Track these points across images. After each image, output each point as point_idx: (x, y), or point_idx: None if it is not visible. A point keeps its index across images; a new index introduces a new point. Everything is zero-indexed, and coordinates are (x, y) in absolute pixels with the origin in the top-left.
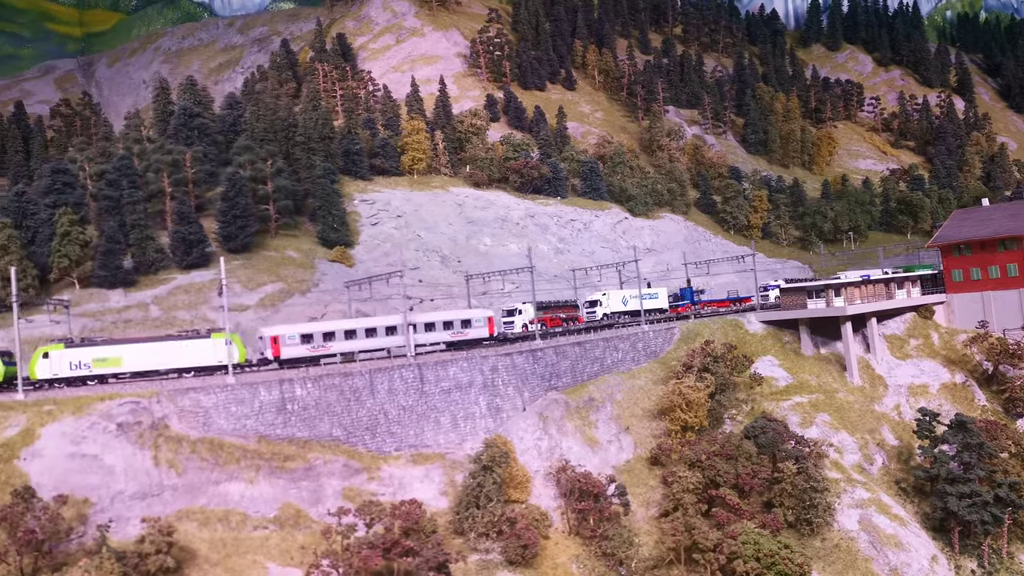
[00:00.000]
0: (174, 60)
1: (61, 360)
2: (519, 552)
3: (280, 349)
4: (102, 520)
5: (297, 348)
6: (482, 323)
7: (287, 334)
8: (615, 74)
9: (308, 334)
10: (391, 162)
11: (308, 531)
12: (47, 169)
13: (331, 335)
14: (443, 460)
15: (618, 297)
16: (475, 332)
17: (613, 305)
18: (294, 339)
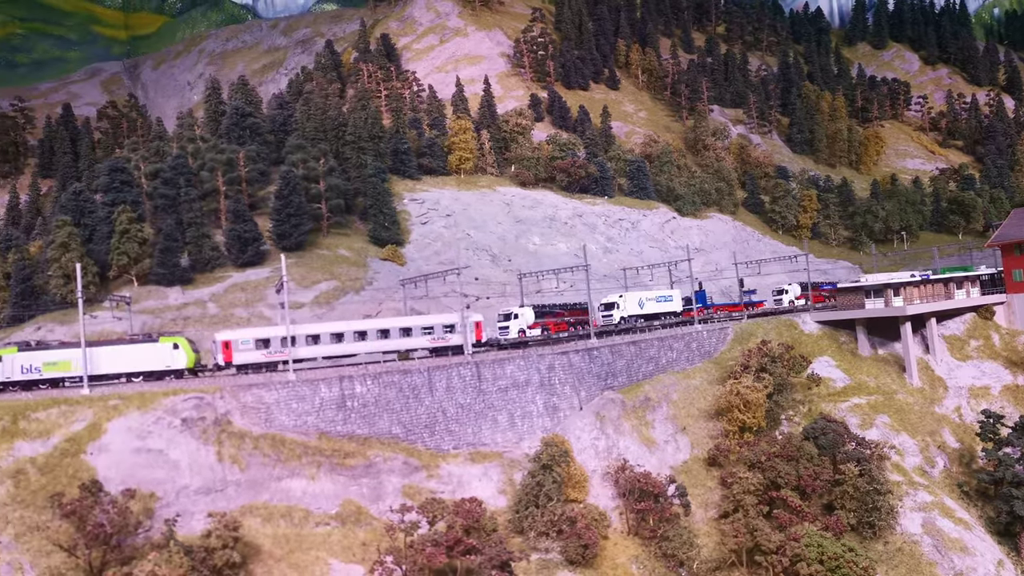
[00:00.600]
0: (219, 62)
1: (13, 364)
2: (579, 552)
3: (232, 354)
4: (168, 515)
5: (251, 353)
6: (468, 328)
7: (240, 339)
8: (659, 73)
9: (264, 339)
10: (438, 161)
11: (369, 528)
12: (105, 168)
13: (292, 340)
14: (501, 459)
15: (634, 299)
16: (459, 338)
17: (630, 308)
18: (247, 344)
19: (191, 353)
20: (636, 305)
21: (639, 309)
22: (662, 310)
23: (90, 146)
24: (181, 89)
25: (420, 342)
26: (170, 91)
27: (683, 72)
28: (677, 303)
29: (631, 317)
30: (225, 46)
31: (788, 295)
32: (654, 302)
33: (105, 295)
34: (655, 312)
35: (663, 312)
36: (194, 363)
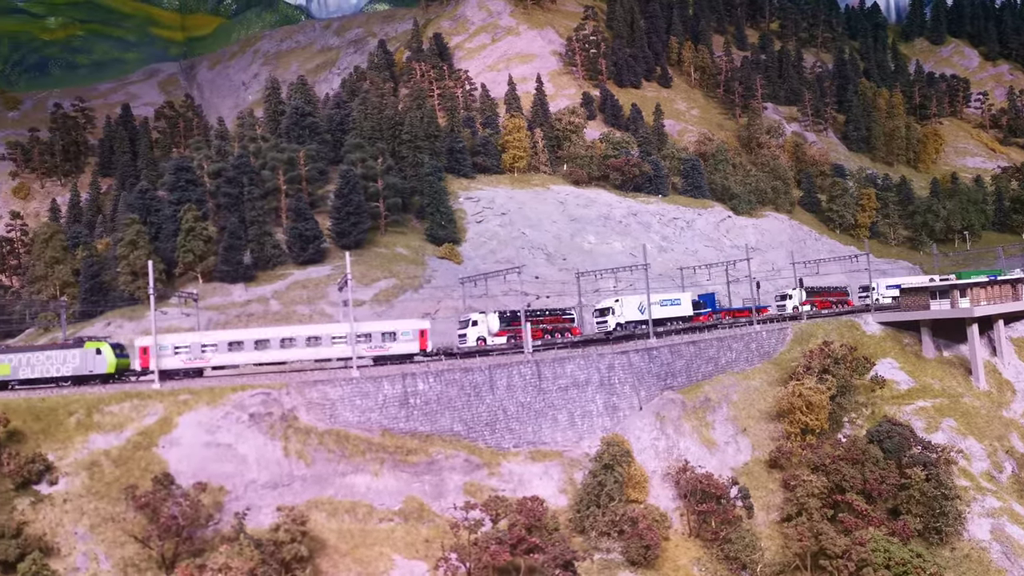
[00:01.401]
0: (273, 62)
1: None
2: (641, 552)
3: (149, 360)
4: (236, 508)
5: (169, 359)
6: (410, 336)
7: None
8: (711, 71)
9: (184, 344)
10: (492, 160)
11: (431, 525)
12: (171, 167)
13: (212, 346)
14: (561, 458)
15: (633, 304)
16: (400, 346)
17: (628, 313)
18: (166, 349)
19: (113, 358)
20: (635, 310)
21: (639, 315)
22: (669, 315)
23: (148, 146)
24: (236, 89)
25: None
26: (225, 91)
27: (736, 69)
28: (686, 307)
29: (630, 323)
30: (279, 46)
31: (792, 300)
32: (657, 306)
33: (171, 292)
34: (661, 317)
35: (670, 317)
36: (115, 368)
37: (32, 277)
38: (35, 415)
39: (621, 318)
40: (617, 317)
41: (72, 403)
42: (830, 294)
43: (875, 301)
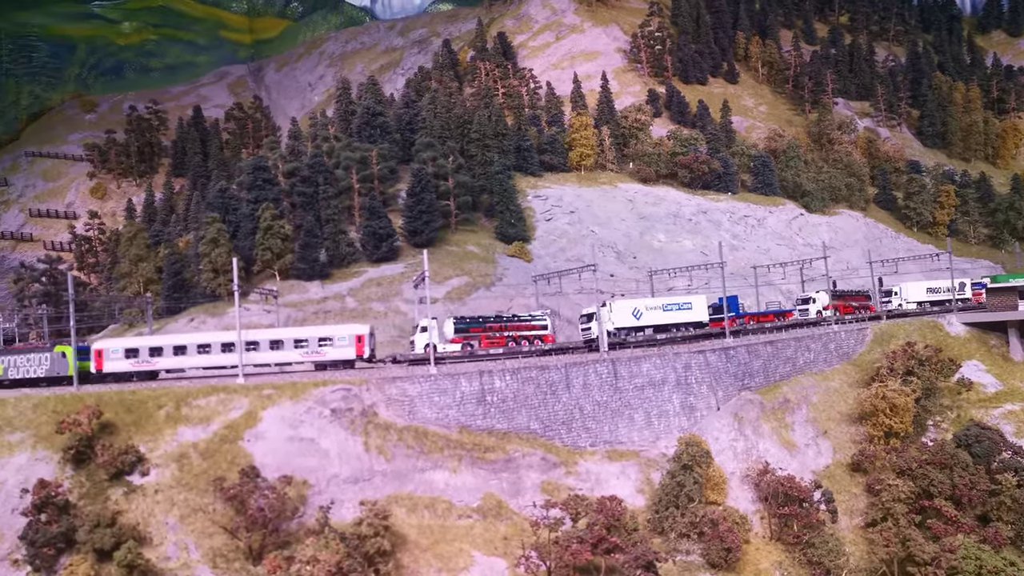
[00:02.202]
0: (339, 63)
1: None
2: (722, 555)
3: (103, 363)
4: (319, 502)
5: (121, 362)
6: (347, 342)
7: (111, 348)
8: (779, 66)
9: (134, 348)
10: (559, 158)
11: (509, 522)
12: (248, 166)
13: (159, 350)
14: (638, 457)
15: (626, 309)
16: (337, 352)
17: (619, 319)
18: (118, 353)
19: (75, 362)
20: (629, 316)
21: (634, 320)
22: (675, 320)
23: (219, 146)
24: (303, 90)
25: (292, 356)
26: (292, 92)
27: (806, 64)
28: (699, 312)
29: (621, 330)
30: (344, 48)
31: (816, 304)
32: (659, 311)
33: (250, 288)
34: (665, 324)
35: (678, 323)
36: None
37: (117, 274)
38: (126, 407)
39: (609, 324)
40: (604, 323)
41: (161, 396)
42: (853, 298)
43: (897, 307)
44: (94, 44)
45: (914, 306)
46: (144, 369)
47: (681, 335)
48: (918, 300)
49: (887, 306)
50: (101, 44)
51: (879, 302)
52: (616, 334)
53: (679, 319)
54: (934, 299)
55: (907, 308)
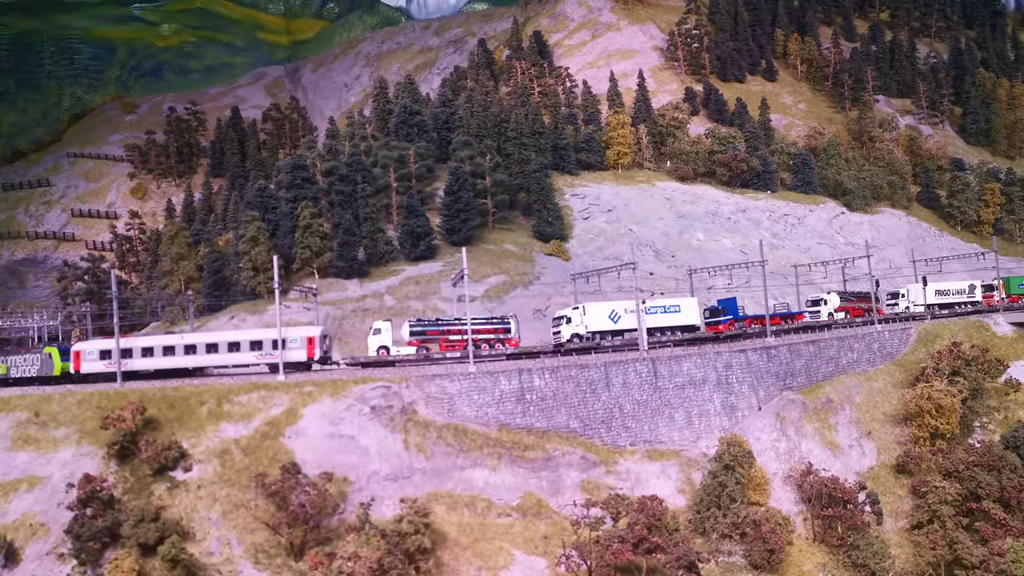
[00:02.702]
0: (374, 63)
1: None
2: (764, 556)
3: (80, 364)
4: (359, 499)
5: (96, 363)
6: (298, 344)
7: (87, 350)
8: (819, 63)
9: (107, 350)
10: (596, 156)
11: (549, 521)
12: (287, 165)
13: (128, 352)
14: (678, 457)
15: (602, 312)
16: (290, 354)
17: (593, 322)
18: (93, 355)
19: (59, 362)
20: (605, 319)
21: (610, 324)
22: (662, 324)
23: (256, 147)
24: (339, 90)
25: (248, 358)
26: (328, 93)
27: (845, 61)
28: (690, 315)
29: (595, 334)
30: (380, 48)
31: (827, 306)
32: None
33: (289, 286)
34: (650, 327)
35: (665, 327)
36: (60, 371)
37: (159, 272)
38: (169, 404)
39: (581, 328)
40: (575, 327)
41: (203, 393)
42: (864, 300)
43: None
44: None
45: (922, 309)
46: (115, 370)
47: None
48: (928, 303)
49: (893, 309)
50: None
51: (885, 304)
52: (591, 337)
53: (667, 322)
54: (943, 301)
55: (915, 311)
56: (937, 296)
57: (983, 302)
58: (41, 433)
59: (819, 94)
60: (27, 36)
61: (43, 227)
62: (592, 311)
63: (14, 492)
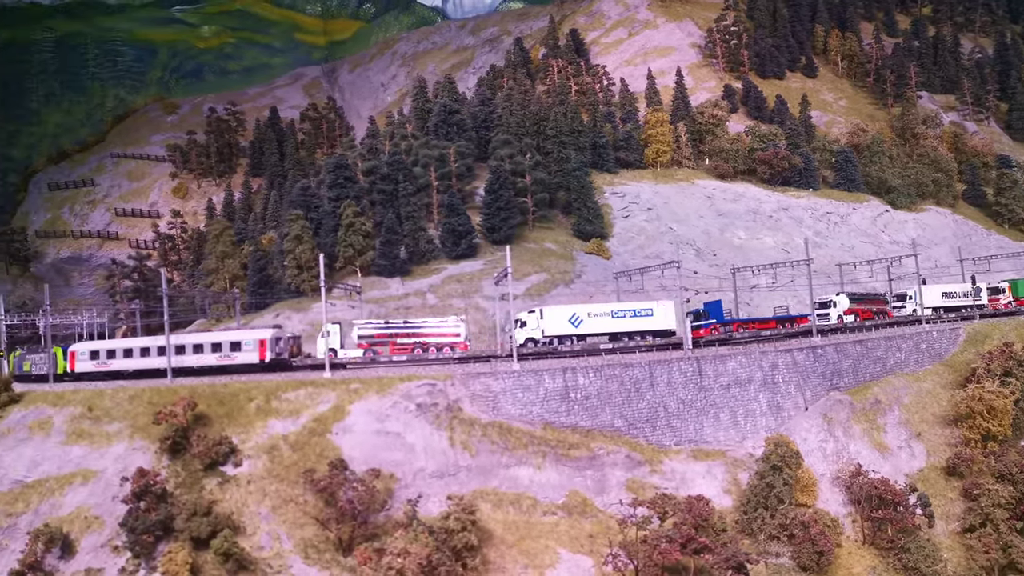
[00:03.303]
0: (410, 63)
1: None
2: (813, 558)
3: (75, 364)
4: (406, 495)
5: (87, 363)
6: (252, 347)
7: (80, 350)
8: (860, 59)
9: (96, 351)
10: (634, 155)
11: (594, 520)
12: (330, 164)
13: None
14: (724, 457)
15: (563, 315)
16: (244, 356)
17: (551, 327)
18: (84, 355)
19: (63, 361)
20: (565, 323)
21: (571, 328)
22: (629, 328)
23: (294, 146)
24: (375, 90)
25: (210, 359)
26: (365, 92)
27: (887, 57)
28: (664, 319)
29: (554, 338)
30: (416, 48)
31: (836, 309)
32: (606, 318)
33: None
34: (616, 331)
35: (633, 331)
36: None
37: (205, 270)
38: (219, 400)
39: (537, 332)
40: (530, 331)
41: (252, 389)
42: (872, 302)
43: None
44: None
45: (929, 312)
46: (102, 370)
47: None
48: (933, 305)
49: (901, 311)
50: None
51: (892, 307)
52: (548, 342)
53: (637, 327)
54: (949, 304)
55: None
56: (943, 299)
57: (989, 305)
58: (95, 428)
59: (860, 91)
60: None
61: (88, 226)
62: (550, 315)
63: (69, 485)
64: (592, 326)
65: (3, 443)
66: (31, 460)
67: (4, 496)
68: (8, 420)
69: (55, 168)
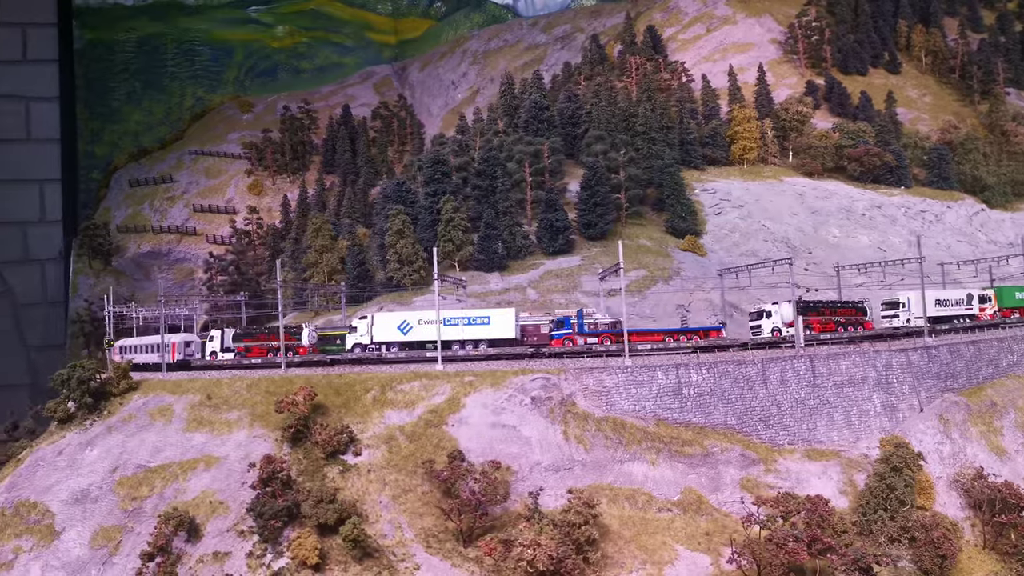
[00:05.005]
0: (481, 61)
1: None
2: (936, 562)
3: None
4: (522, 488)
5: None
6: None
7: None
8: (944, 55)
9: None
10: (720, 151)
11: (710, 518)
12: (427, 160)
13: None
14: (838, 458)
15: (390, 322)
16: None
17: (380, 333)
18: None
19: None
20: (394, 329)
21: (400, 335)
22: (463, 336)
23: (366, 144)
24: (446, 88)
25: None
26: (435, 90)
27: (973, 53)
28: (502, 327)
29: (383, 344)
30: (487, 46)
31: (772, 320)
32: (431, 326)
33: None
34: (448, 339)
35: (467, 339)
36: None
37: (305, 264)
38: (335, 390)
39: (366, 338)
40: (359, 336)
41: (367, 380)
42: (836, 312)
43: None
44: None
45: (921, 322)
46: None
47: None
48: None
49: (893, 321)
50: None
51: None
52: (376, 348)
53: (471, 335)
54: (942, 314)
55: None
56: (937, 307)
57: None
58: (214, 415)
59: (945, 87)
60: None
61: (167, 222)
62: (380, 321)
63: (192, 471)
64: (422, 333)
65: (125, 429)
66: (154, 446)
67: (128, 480)
68: (129, 407)
69: (136, 165)
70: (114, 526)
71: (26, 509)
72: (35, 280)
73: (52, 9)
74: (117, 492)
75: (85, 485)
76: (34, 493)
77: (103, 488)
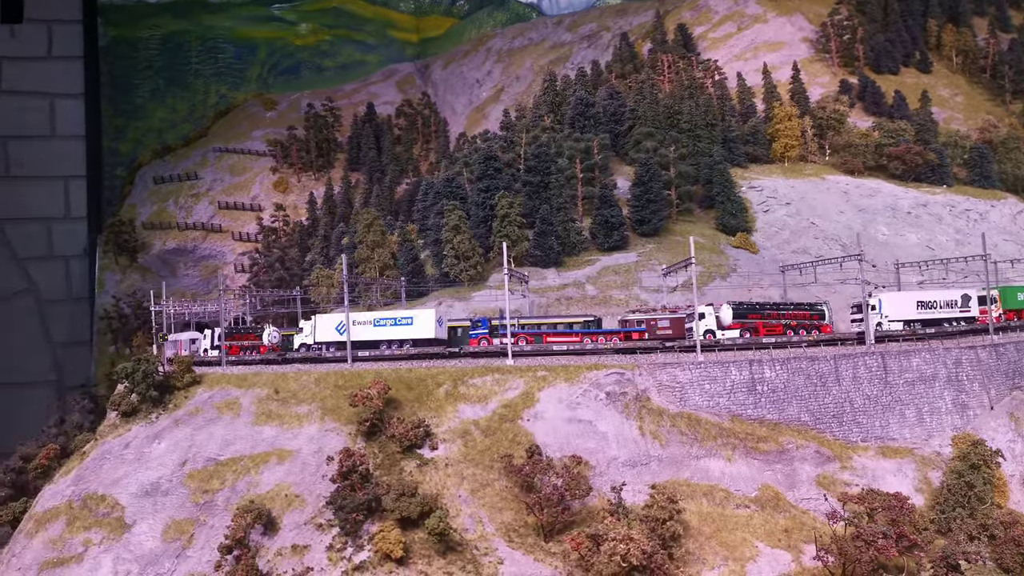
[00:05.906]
0: (505, 59)
1: None
2: (1017, 560)
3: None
4: (600, 483)
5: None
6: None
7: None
8: (975, 55)
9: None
10: (761, 149)
11: (787, 515)
12: (480, 156)
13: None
14: (912, 455)
15: (329, 324)
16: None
17: (321, 334)
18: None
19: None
20: (332, 330)
21: (337, 335)
22: (388, 336)
23: (391, 142)
24: (470, 86)
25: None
26: (459, 89)
27: (1004, 52)
28: (423, 328)
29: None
30: (511, 44)
31: (704, 323)
32: (368, 327)
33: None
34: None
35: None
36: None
37: (358, 259)
38: (406, 385)
39: (310, 339)
40: (304, 337)
41: (438, 375)
42: (782, 315)
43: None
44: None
45: (899, 326)
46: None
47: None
48: (905, 318)
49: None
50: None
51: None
52: (319, 348)
53: (396, 335)
54: (926, 317)
55: (890, 329)
56: (920, 310)
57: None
58: (283, 409)
59: (976, 86)
60: (177, 36)
61: (192, 218)
62: (321, 323)
63: (264, 464)
64: (356, 334)
65: (193, 422)
66: (223, 439)
67: (199, 473)
68: (195, 400)
69: (160, 162)
70: (186, 519)
71: (95, 502)
72: (60, 276)
73: (77, 6)
74: (188, 485)
75: (155, 478)
76: (102, 486)
77: (173, 481)
